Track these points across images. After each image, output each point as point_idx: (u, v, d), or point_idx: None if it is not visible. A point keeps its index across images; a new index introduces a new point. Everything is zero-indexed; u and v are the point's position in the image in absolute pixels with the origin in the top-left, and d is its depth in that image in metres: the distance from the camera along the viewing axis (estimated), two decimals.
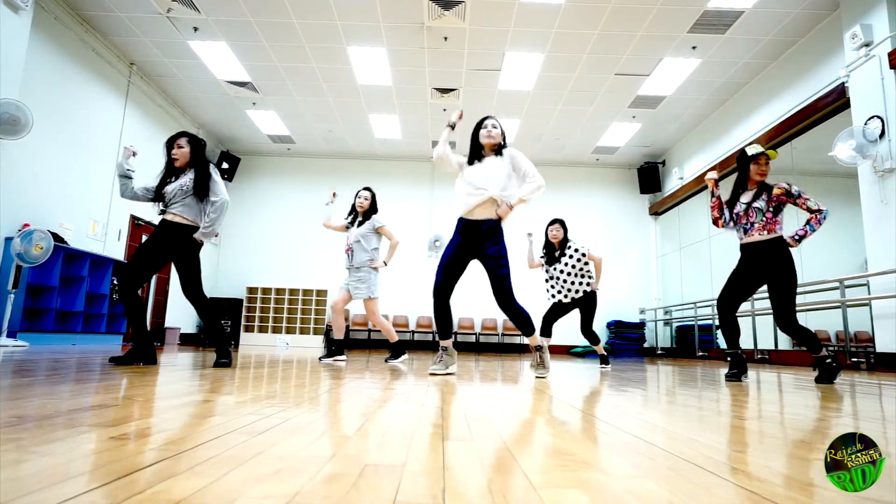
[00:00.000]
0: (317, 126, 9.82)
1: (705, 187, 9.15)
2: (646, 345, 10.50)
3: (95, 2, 6.36)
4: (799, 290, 6.92)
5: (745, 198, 3.29)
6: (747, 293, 3.31)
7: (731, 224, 3.38)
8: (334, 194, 4.60)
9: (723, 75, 7.67)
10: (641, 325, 10.51)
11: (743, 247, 3.32)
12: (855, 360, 5.69)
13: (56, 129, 6.40)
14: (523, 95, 8.34)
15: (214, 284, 10.73)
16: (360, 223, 4.47)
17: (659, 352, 10.40)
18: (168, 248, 3.12)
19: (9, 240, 5.56)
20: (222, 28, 6.81)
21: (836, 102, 6.01)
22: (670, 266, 10.55)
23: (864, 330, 6.20)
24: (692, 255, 9.80)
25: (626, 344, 10.29)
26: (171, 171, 3.24)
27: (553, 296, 4.65)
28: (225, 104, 8.97)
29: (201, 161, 3.25)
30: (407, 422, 1.33)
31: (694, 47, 6.97)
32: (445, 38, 6.89)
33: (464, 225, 3.14)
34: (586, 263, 4.56)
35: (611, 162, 11.05)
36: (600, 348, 4.89)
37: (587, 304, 4.66)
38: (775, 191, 3.14)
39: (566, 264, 4.54)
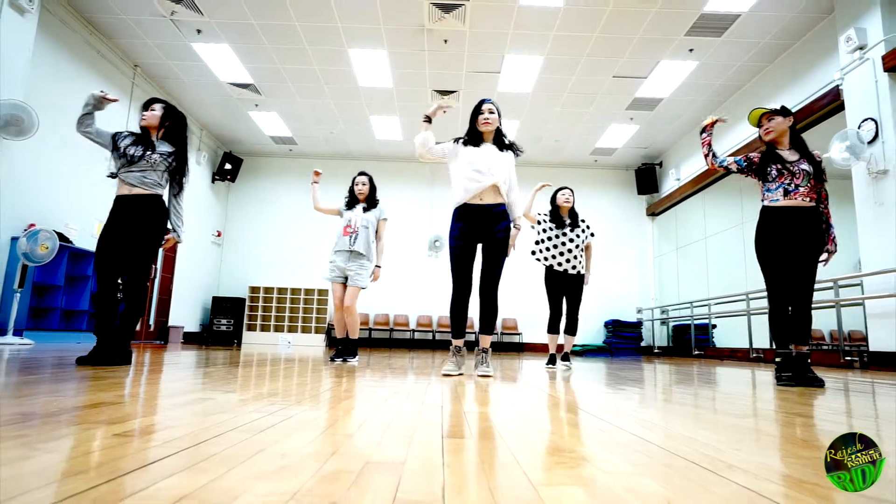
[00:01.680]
0: (318, 127, 9.82)
1: (702, 188, 9.16)
2: (643, 344, 10.50)
3: (100, 4, 6.36)
4: None
5: (790, 156, 2.92)
6: (789, 264, 2.87)
7: (755, 176, 3.00)
8: (317, 172, 4.34)
9: (719, 78, 7.67)
10: (639, 324, 10.51)
11: (776, 210, 2.88)
12: (849, 358, 5.69)
13: (61, 129, 6.39)
14: (523, 97, 8.34)
15: (217, 284, 10.73)
16: (366, 209, 4.25)
17: (656, 351, 10.40)
18: (134, 223, 2.84)
19: (14, 239, 5.57)
20: (225, 30, 6.80)
21: (830, 105, 6.01)
22: (667, 266, 10.55)
23: (858, 329, 6.21)
24: (689, 256, 9.81)
25: (624, 343, 10.28)
26: (139, 137, 2.97)
27: (548, 259, 4.28)
28: (228, 106, 8.97)
29: (181, 138, 3.02)
30: (407, 420, 1.33)
31: (691, 50, 6.97)
32: (445, 41, 6.89)
33: (466, 211, 3.06)
34: (588, 247, 4.38)
35: (609, 163, 11.06)
36: (571, 342, 4.41)
37: (576, 287, 4.33)
38: (816, 157, 2.89)
39: (577, 235, 4.27)
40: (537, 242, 4.39)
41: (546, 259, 4.31)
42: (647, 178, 10.70)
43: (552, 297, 4.39)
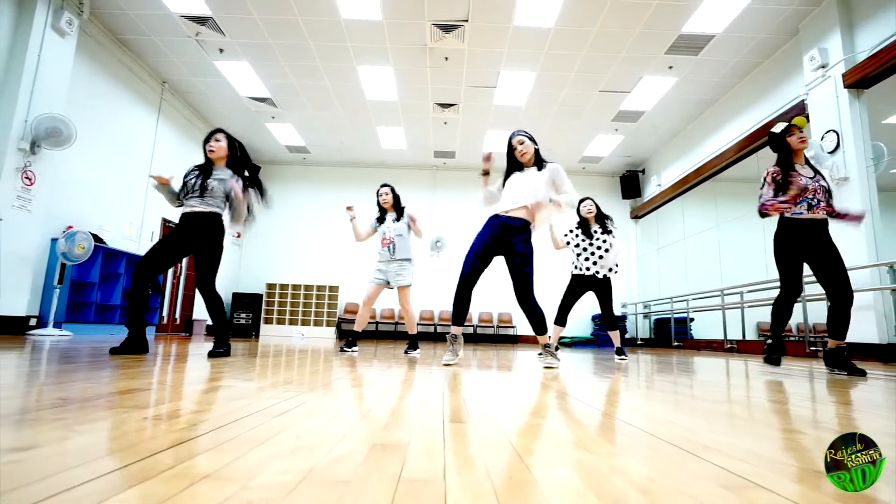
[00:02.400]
0: (330, 137, 9.81)
1: (681, 193, 9.14)
2: (627, 336, 10.49)
3: (132, 26, 6.36)
4: (766, 286, 7.00)
5: (806, 171, 2.92)
6: (801, 273, 2.97)
7: (782, 194, 2.95)
8: (350, 208, 4.23)
9: (696, 92, 7.66)
10: (623, 317, 10.50)
11: (796, 223, 2.91)
12: (813, 349, 5.69)
13: (97, 140, 6.41)
14: (517, 110, 8.34)
15: (237, 281, 10.74)
16: (396, 218, 4.21)
17: (639, 342, 10.39)
18: (193, 239, 2.86)
19: (54, 240, 5.58)
20: (245, 49, 6.80)
21: (796, 118, 6.00)
22: (649, 264, 10.55)
23: (821, 322, 6.20)
24: (669, 255, 9.81)
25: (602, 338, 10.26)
26: (203, 168, 2.96)
27: (588, 268, 4.17)
28: (247, 118, 8.97)
29: (245, 161, 3.09)
30: (411, 406, 1.33)
31: (670, 67, 6.96)
32: (446, 58, 6.88)
33: (497, 220, 2.95)
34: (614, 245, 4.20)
35: (595, 170, 11.05)
36: (616, 336, 4.24)
37: (605, 287, 4.20)
38: (825, 174, 2.93)
39: (605, 241, 4.17)
40: (577, 256, 4.27)
41: (588, 269, 4.18)
42: (630, 184, 10.69)
43: (569, 296, 4.26)
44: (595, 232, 4.22)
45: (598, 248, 4.18)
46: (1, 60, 5.07)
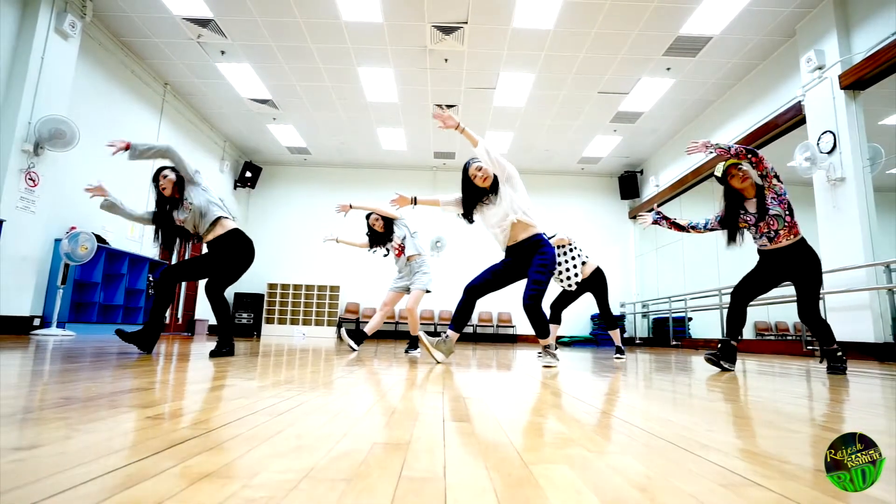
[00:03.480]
0: (330, 139, 9.81)
1: (679, 193, 9.14)
2: (626, 335, 10.49)
3: (135, 29, 6.36)
4: None
5: (752, 207, 2.91)
6: (767, 289, 2.98)
7: (740, 238, 3.01)
8: (346, 209, 4.17)
9: (694, 94, 7.66)
10: (622, 317, 10.50)
11: (767, 252, 2.93)
12: (810, 347, 5.69)
13: (99, 141, 6.40)
14: (516, 111, 8.33)
15: (239, 281, 10.70)
16: (390, 238, 4.22)
17: (637, 341, 10.39)
18: (221, 258, 2.93)
19: (58, 241, 5.58)
20: (247, 51, 6.80)
21: (793, 119, 6.01)
22: (647, 264, 10.54)
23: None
24: (667, 255, 9.80)
25: (608, 334, 10.26)
26: (165, 203, 2.97)
27: (568, 285, 4.18)
28: (248, 119, 8.96)
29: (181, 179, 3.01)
30: (411, 404, 1.33)
31: (668, 68, 6.96)
32: (446, 60, 6.88)
33: (510, 250, 2.98)
34: (572, 249, 4.16)
35: (594, 171, 11.04)
36: (616, 335, 4.23)
37: (597, 283, 4.18)
38: (767, 188, 2.84)
39: (566, 262, 4.17)
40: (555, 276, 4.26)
41: (561, 284, 4.19)
42: (629, 184, 10.69)
43: (556, 304, 4.29)
44: (562, 256, 4.19)
45: (567, 269, 4.15)
46: (4, 63, 5.08)
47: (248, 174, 10.44)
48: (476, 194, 3.00)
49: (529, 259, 2.90)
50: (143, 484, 0.58)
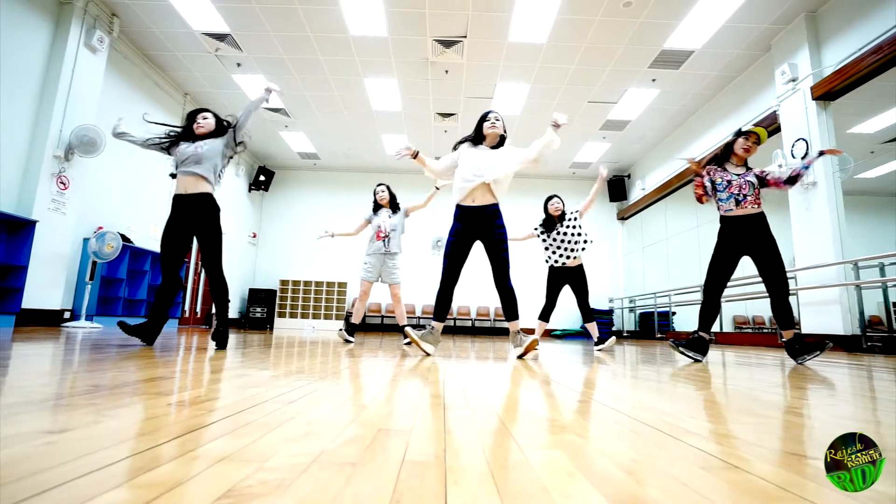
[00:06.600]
0: (338, 144, 9.80)
1: (663, 196, 9.14)
2: (614, 328, 10.49)
3: (157, 43, 6.36)
4: (738, 281, 7.02)
5: (736, 170, 2.87)
6: (732, 268, 2.86)
7: (713, 195, 2.92)
8: (326, 234, 4.39)
9: (678, 103, 7.65)
10: (610, 311, 10.50)
11: (731, 219, 2.84)
12: (784, 340, 5.68)
13: (124, 147, 6.40)
14: (512, 119, 8.32)
15: (253, 277, 10.74)
16: (392, 213, 4.15)
17: (625, 334, 10.39)
18: (191, 221, 2.65)
19: (86, 240, 5.59)
20: (261, 64, 6.80)
21: (769, 127, 6.00)
22: (634, 262, 10.54)
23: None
24: (652, 254, 9.80)
25: (598, 328, 10.25)
26: (186, 137, 2.73)
27: (556, 261, 4.17)
28: (262, 126, 8.96)
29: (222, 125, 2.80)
30: (414, 393, 1.33)
31: (654, 80, 6.95)
32: (446, 71, 6.87)
33: (462, 212, 2.82)
34: (580, 225, 4.15)
35: (585, 175, 11.03)
36: (594, 328, 4.29)
37: (577, 278, 4.18)
38: (756, 171, 2.85)
39: (567, 227, 4.14)
40: (545, 250, 4.30)
41: (556, 261, 4.19)
42: (617, 187, 10.67)
43: (550, 291, 4.31)
44: (558, 228, 4.18)
45: (563, 241, 4.14)
46: (39, 75, 5.08)
47: (262, 178, 10.44)
48: (479, 139, 2.95)
49: (486, 228, 2.78)
50: (164, 466, 0.58)
